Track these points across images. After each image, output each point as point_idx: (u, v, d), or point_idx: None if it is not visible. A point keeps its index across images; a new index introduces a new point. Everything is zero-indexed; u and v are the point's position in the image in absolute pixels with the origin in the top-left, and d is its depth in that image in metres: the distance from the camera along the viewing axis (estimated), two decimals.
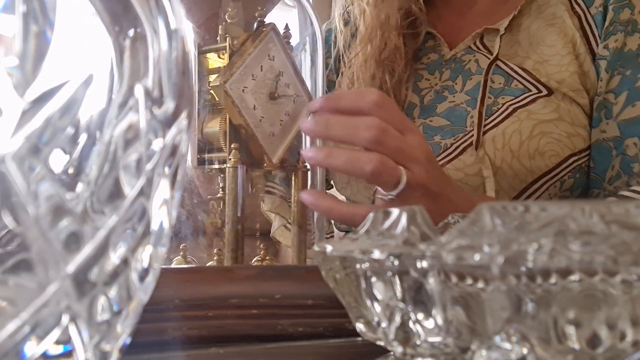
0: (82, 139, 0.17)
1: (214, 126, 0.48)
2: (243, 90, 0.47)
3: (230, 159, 0.46)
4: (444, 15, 0.81)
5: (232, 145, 0.47)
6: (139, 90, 0.18)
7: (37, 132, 0.16)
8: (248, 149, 0.48)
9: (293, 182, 0.51)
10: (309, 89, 0.52)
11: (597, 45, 0.72)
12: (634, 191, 0.65)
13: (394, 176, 0.49)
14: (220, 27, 0.49)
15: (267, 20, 0.50)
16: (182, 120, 0.20)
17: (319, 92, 0.53)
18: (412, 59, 0.79)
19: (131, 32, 0.18)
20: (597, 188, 0.71)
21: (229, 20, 0.48)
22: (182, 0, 0.22)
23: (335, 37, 0.86)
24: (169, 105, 0.19)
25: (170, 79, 0.19)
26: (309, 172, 0.52)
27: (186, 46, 0.21)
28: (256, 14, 0.49)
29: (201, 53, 0.49)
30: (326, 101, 0.50)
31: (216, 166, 0.48)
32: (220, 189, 0.49)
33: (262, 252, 0.49)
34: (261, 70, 0.49)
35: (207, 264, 0.48)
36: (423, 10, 0.79)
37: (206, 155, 0.49)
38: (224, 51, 0.48)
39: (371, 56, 0.76)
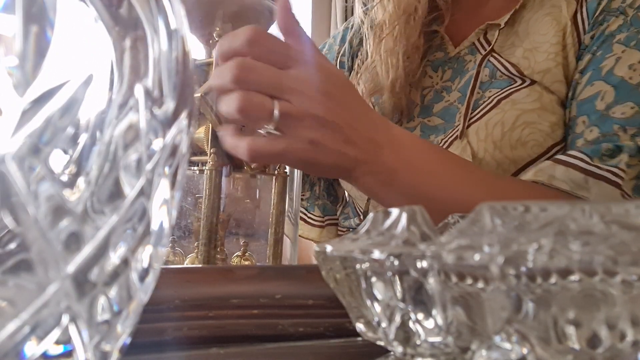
0: (82, 139, 0.17)
1: (201, 132, 0.52)
2: None
3: (209, 162, 0.50)
4: (455, 15, 0.81)
5: (211, 150, 0.50)
6: (139, 90, 0.18)
7: (37, 132, 0.16)
8: (230, 154, 0.51)
9: (273, 186, 0.53)
10: None
11: (585, 34, 0.70)
12: (568, 155, 0.62)
13: (264, 110, 0.47)
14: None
15: None
16: (182, 120, 0.20)
17: None
18: (422, 58, 0.79)
19: (131, 32, 0.18)
20: None
21: (216, 39, 0.52)
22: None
23: (353, 34, 0.87)
24: (169, 105, 0.19)
25: (170, 79, 0.19)
26: (288, 178, 0.54)
27: (186, 46, 0.21)
28: None
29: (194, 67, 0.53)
30: (216, 53, 0.49)
31: (196, 168, 0.53)
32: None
33: (242, 249, 0.53)
34: None
35: (188, 256, 0.52)
36: (449, 4, 0.78)
37: (196, 159, 0.53)
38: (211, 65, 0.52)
39: (397, 38, 0.76)
